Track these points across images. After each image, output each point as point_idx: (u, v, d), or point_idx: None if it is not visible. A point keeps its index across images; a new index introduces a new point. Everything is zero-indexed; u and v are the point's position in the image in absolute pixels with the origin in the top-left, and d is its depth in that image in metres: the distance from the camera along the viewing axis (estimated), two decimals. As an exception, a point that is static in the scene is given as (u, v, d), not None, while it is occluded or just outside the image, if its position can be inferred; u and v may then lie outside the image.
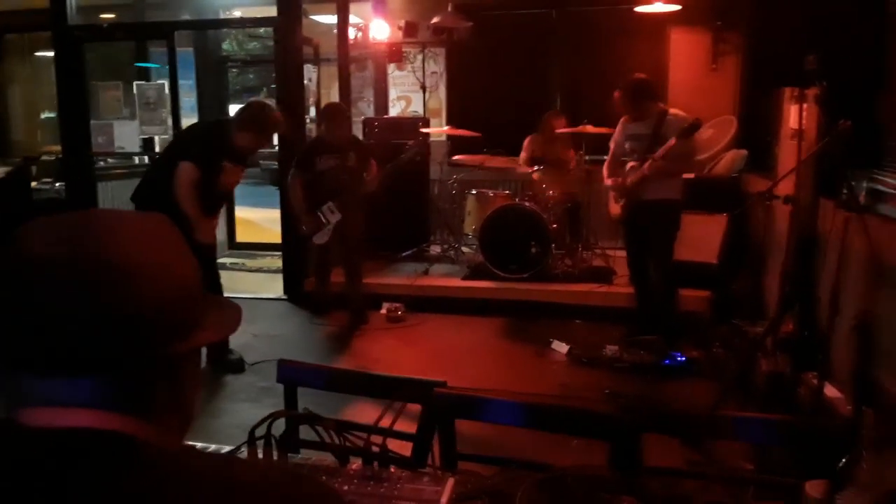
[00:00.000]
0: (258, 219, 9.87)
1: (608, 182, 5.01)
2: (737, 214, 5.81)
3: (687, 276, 5.50)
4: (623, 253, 6.30)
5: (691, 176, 6.31)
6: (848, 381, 3.02)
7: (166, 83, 6.71)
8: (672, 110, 4.68)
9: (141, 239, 0.75)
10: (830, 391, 3.05)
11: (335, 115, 5.42)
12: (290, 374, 1.92)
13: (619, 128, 4.93)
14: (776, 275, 4.70)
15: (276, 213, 8.11)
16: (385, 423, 1.48)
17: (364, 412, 3.02)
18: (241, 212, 8.85)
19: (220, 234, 4.98)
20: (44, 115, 8.99)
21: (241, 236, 8.44)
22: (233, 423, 3.80)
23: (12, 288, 0.70)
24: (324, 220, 5.40)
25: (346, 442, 1.47)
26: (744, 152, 6.45)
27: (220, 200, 4.65)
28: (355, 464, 1.47)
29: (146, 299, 0.72)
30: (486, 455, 1.74)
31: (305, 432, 1.96)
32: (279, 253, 8.09)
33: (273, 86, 13.85)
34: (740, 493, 1.36)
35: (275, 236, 7.00)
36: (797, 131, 4.53)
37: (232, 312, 0.84)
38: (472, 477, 1.41)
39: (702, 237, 5.66)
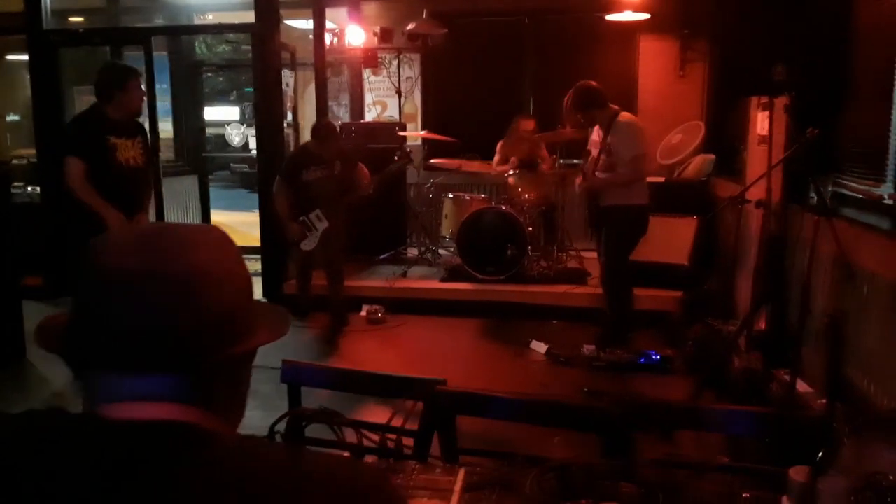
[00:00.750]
0: (232, 222, 9.86)
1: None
2: (707, 217, 6.01)
3: (658, 277, 5.68)
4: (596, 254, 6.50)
5: (661, 179, 6.52)
6: (819, 377, 3.19)
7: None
8: (622, 115, 4.75)
9: (206, 248, 0.84)
10: (802, 386, 3.21)
11: (328, 135, 5.45)
12: (294, 375, 2.00)
13: (591, 136, 5.04)
14: (747, 275, 4.88)
15: (250, 217, 8.15)
16: (398, 421, 1.57)
17: (366, 411, 3.11)
18: (215, 215, 8.85)
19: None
20: (9, 118, 8.91)
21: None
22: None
23: (97, 299, 0.80)
24: (311, 227, 5.47)
25: (360, 438, 1.56)
26: (712, 157, 6.65)
27: (131, 182, 4.28)
28: (368, 458, 1.56)
29: (216, 305, 0.82)
30: (484, 449, 1.84)
31: (311, 430, 2.05)
32: (256, 256, 8.13)
33: (247, 89, 13.89)
34: (729, 482, 1.48)
35: (251, 240, 7.03)
36: (765, 137, 4.72)
37: (281, 316, 0.94)
38: (479, 469, 1.51)
39: (673, 239, 5.84)
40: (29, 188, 7.39)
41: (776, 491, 1.48)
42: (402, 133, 7.10)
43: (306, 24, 7.76)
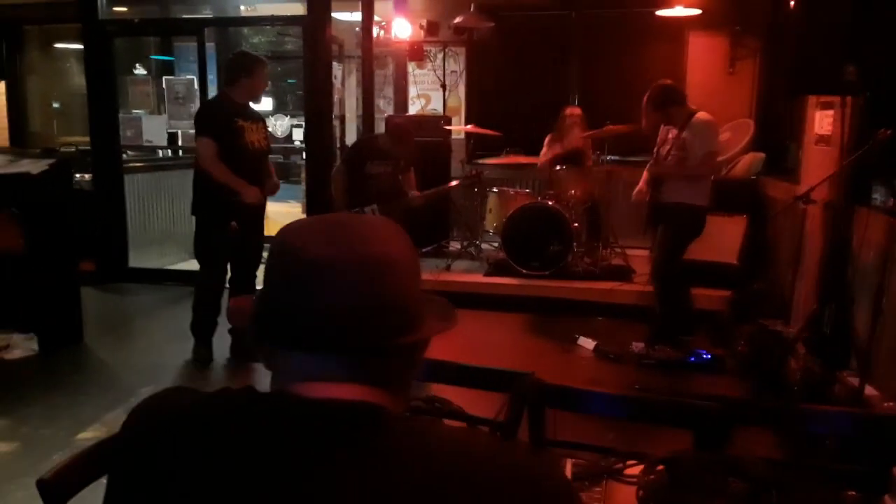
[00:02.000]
0: (270, 212, 9.95)
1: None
2: (769, 217, 5.93)
3: (707, 276, 5.63)
4: (642, 252, 6.47)
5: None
6: (885, 379, 3.15)
7: (195, 78, 6.80)
8: (700, 114, 4.74)
9: (389, 238, 0.87)
10: (868, 389, 3.17)
11: (403, 137, 5.42)
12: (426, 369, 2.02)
13: (659, 134, 5.01)
14: (803, 275, 4.83)
15: (285, 207, 8.23)
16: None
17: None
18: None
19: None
20: (56, 105, 9.07)
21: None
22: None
23: (293, 283, 0.83)
24: None
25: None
26: (761, 155, 6.58)
27: (256, 163, 4.55)
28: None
29: (401, 291, 0.85)
30: (572, 441, 1.84)
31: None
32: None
33: (289, 80, 13.98)
34: (830, 481, 1.47)
35: None
36: (824, 137, 4.67)
37: (449, 308, 0.96)
38: (582, 461, 1.52)
39: (722, 238, 5.78)
40: (77, 175, 7.55)
41: (872, 491, 1.48)
42: (447, 127, 7.10)
43: (350, 16, 7.80)
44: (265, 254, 5.13)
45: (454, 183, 6.22)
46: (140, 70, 8.23)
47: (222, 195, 4.36)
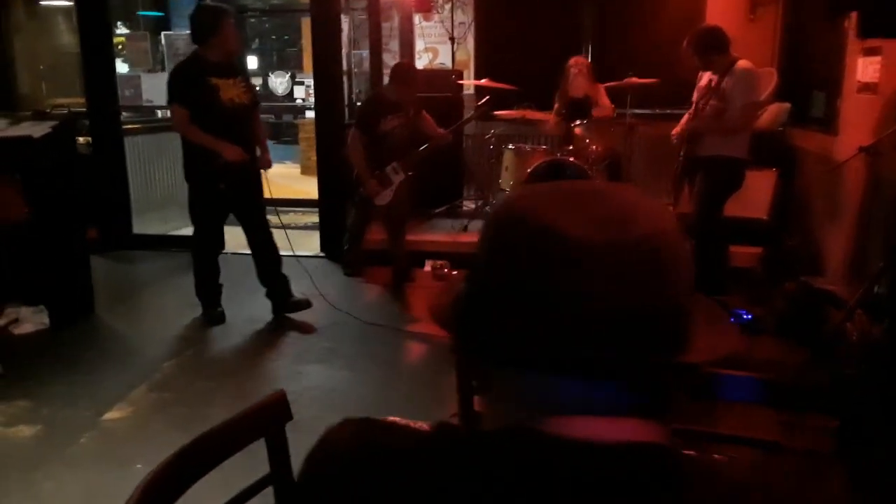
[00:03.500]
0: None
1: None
2: (786, 170, 5.75)
3: (737, 233, 5.45)
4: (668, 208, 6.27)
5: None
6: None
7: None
8: (742, 62, 4.51)
9: (658, 214, 0.64)
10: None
11: (409, 78, 5.23)
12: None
13: (697, 83, 4.78)
14: (843, 230, 4.66)
15: (282, 169, 7.94)
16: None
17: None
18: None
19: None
20: (42, 67, 8.68)
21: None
22: (311, 385, 3.74)
23: (556, 282, 0.60)
24: (388, 181, 5.27)
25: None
26: (787, 105, 6.34)
27: (237, 120, 4.33)
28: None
29: (683, 298, 0.63)
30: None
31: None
32: (301, 209, 7.96)
33: (286, 37, 13.50)
34: None
35: (290, 193, 6.83)
36: (869, 85, 4.45)
37: (716, 309, 0.75)
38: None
39: (751, 193, 5.58)
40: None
41: None
42: (460, 81, 6.82)
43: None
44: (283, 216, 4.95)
45: (472, 115, 5.99)
46: (122, 29, 7.85)
47: (205, 159, 4.20)
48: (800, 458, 1.37)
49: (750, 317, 4.46)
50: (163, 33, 6.70)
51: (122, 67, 6.65)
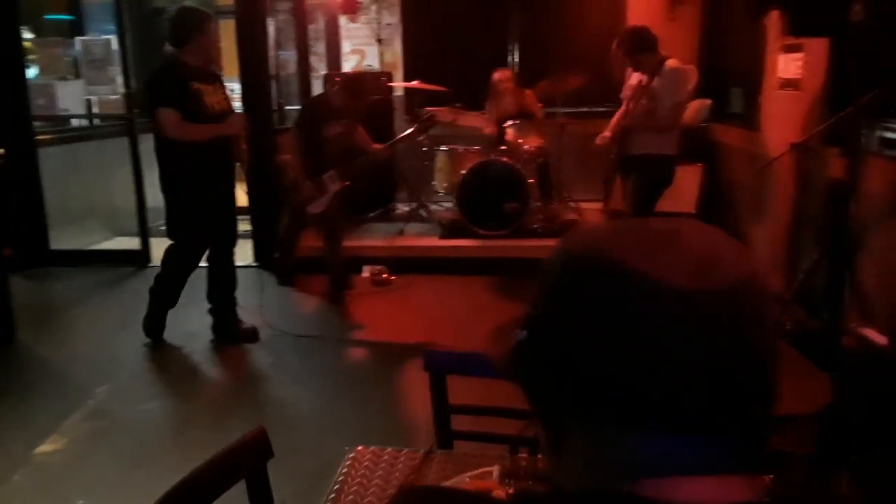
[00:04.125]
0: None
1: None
2: (710, 165, 5.94)
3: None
4: (594, 205, 6.39)
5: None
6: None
7: (113, 38, 6.15)
8: (670, 61, 4.61)
9: (755, 269, 0.61)
10: (872, 335, 3.15)
11: (360, 89, 5.16)
12: (439, 362, 1.78)
13: (626, 81, 4.85)
14: (768, 224, 4.83)
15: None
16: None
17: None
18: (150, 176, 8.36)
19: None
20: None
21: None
22: (263, 403, 3.62)
23: (648, 326, 0.56)
24: (324, 189, 5.14)
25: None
26: (708, 102, 6.55)
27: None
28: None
29: (774, 332, 0.61)
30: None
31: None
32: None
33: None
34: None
35: None
36: (791, 81, 4.62)
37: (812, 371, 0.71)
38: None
39: (679, 187, 5.73)
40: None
41: None
42: (391, 84, 6.75)
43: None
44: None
45: (411, 130, 5.92)
46: (27, 34, 7.43)
47: (192, 167, 4.03)
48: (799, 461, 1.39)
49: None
50: (78, 38, 6.36)
51: (31, 75, 6.28)
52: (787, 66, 4.65)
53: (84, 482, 2.92)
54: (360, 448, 1.52)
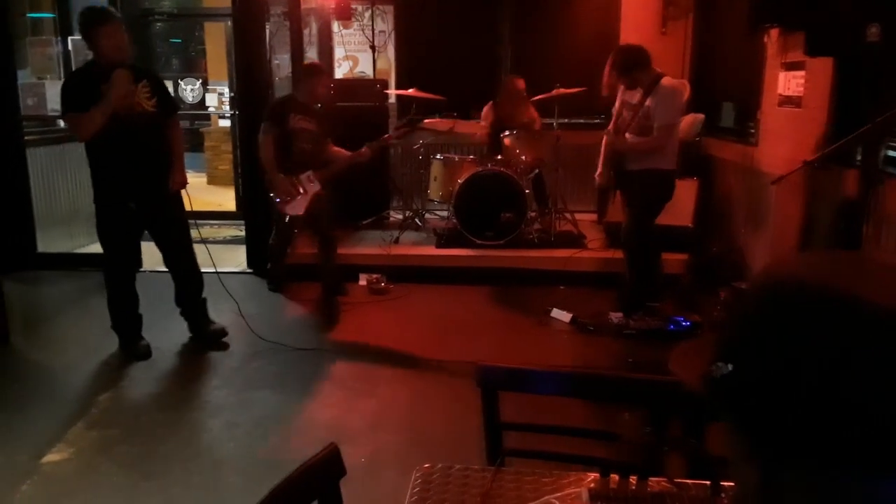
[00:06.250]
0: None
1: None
2: (706, 179, 6.00)
3: (666, 240, 5.63)
4: (589, 216, 6.42)
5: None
6: None
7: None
8: (665, 80, 4.62)
9: None
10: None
11: (317, 74, 5.14)
12: (491, 378, 1.77)
13: (618, 95, 4.87)
14: (767, 238, 4.89)
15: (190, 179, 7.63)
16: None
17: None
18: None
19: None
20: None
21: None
22: (266, 414, 3.56)
23: (864, 358, 0.54)
24: (301, 190, 5.09)
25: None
26: (701, 116, 6.62)
27: (139, 132, 3.96)
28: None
29: None
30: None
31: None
32: (216, 222, 7.66)
33: (172, 40, 12.87)
34: None
35: (200, 203, 6.51)
36: (792, 98, 4.69)
37: None
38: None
39: (676, 201, 5.78)
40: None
41: None
42: (386, 91, 6.73)
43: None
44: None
45: (393, 132, 5.94)
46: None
47: (112, 173, 3.95)
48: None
49: (688, 323, 4.61)
50: (70, 38, 6.24)
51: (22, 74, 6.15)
52: (787, 83, 4.72)
53: (94, 494, 2.86)
54: (426, 466, 1.50)
